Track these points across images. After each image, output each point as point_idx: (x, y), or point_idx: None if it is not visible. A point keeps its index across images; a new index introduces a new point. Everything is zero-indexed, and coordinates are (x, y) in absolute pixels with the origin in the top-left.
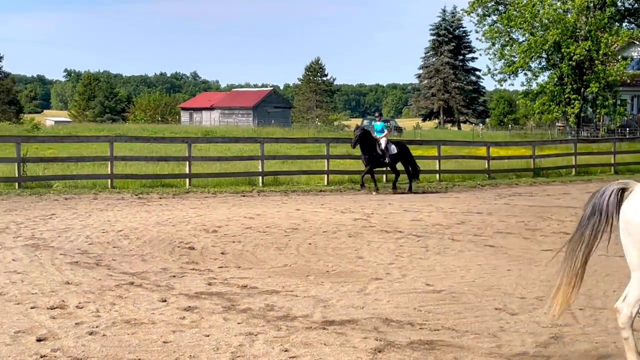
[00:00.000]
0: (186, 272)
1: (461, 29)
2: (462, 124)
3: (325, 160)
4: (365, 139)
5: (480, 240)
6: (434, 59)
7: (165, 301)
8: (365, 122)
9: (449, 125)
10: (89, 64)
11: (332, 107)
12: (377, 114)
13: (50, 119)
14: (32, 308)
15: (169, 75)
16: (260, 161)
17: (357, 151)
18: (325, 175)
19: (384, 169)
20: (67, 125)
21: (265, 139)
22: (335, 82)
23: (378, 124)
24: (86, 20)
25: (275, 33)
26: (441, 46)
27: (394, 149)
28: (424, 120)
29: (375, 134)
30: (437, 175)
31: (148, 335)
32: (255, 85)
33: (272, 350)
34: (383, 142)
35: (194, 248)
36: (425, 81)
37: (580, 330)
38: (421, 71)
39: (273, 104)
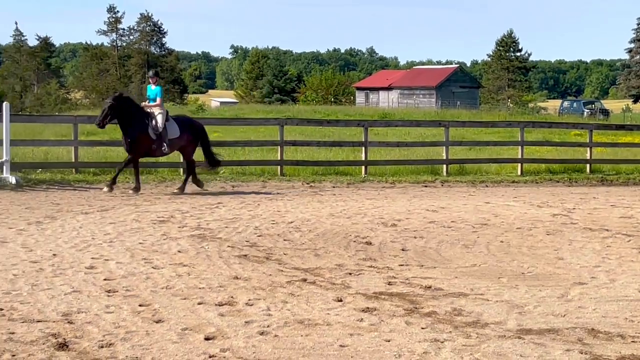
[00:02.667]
0: (363, 270)
1: None
2: None
3: (519, 147)
4: (124, 112)
5: None
6: None
7: (341, 301)
8: (566, 103)
9: None
10: (257, 40)
11: (527, 86)
12: (151, 73)
13: (215, 99)
14: (199, 304)
15: (342, 51)
16: (444, 147)
17: (557, 136)
18: (519, 164)
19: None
20: (233, 106)
21: (450, 122)
22: (530, 59)
23: (152, 88)
24: None
25: (461, 4)
26: None
27: (176, 130)
28: (634, 101)
29: (148, 102)
30: None
31: (323, 338)
32: (439, 63)
33: None
34: (159, 118)
35: (371, 243)
36: (637, 57)
37: None
38: (632, 45)
39: (458, 83)
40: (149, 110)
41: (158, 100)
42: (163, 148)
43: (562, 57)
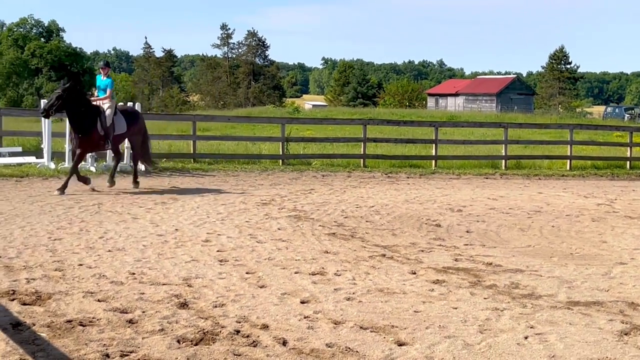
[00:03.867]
0: (433, 248)
1: None
2: None
3: (568, 146)
4: (74, 105)
5: None
6: None
7: (414, 273)
8: (609, 109)
9: None
10: (344, 53)
11: (575, 94)
12: (101, 63)
13: (308, 102)
14: (295, 273)
15: (416, 63)
16: (503, 145)
17: (601, 137)
18: (568, 160)
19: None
20: (324, 108)
21: (509, 124)
22: (578, 70)
23: (103, 79)
24: (343, 13)
25: (518, 22)
26: None
27: (123, 125)
28: None
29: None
30: None
31: (400, 304)
32: (499, 73)
33: (517, 326)
34: (109, 113)
35: (440, 225)
36: None
37: None
38: None
39: (516, 91)
40: (98, 104)
41: (108, 91)
42: (107, 145)
43: (606, 69)
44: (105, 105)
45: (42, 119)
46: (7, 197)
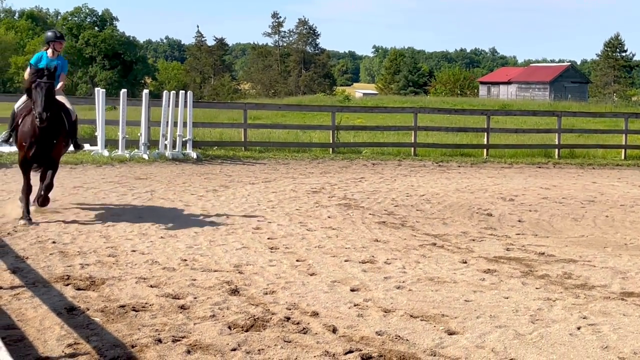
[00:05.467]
0: (485, 237)
1: None
2: None
3: (623, 135)
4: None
5: None
6: None
7: (465, 262)
8: None
9: None
10: (395, 41)
11: (630, 82)
12: (50, 35)
13: (359, 91)
14: (345, 261)
15: (468, 51)
16: (556, 134)
17: None
18: (623, 150)
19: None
20: (374, 97)
21: (562, 112)
22: (634, 58)
23: (52, 58)
24: (394, 0)
25: (572, 9)
26: None
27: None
28: None
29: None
30: None
31: (450, 293)
32: (552, 61)
33: (570, 317)
34: (72, 110)
35: (491, 215)
36: None
37: None
38: None
39: (570, 79)
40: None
41: (62, 80)
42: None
43: None
44: (66, 101)
45: (97, 107)
46: (62, 184)
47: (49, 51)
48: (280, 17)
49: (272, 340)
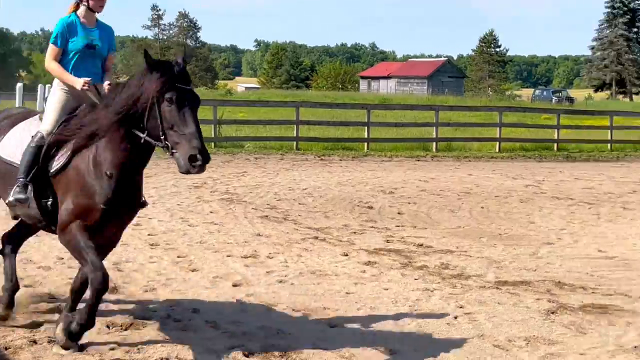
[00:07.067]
0: (366, 229)
1: (636, 1)
2: (634, 96)
3: (497, 128)
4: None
5: None
6: (607, 31)
7: (347, 255)
8: (537, 91)
9: (620, 96)
10: (277, 35)
11: (504, 77)
12: None
13: (241, 85)
14: (227, 256)
15: (349, 45)
16: (434, 128)
17: (529, 119)
18: (497, 143)
19: None
20: (257, 91)
21: (440, 106)
22: (507, 54)
23: (91, 28)
24: None
25: (449, 5)
26: (615, 18)
27: None
28: (595, 91)
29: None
30: (609, 145)
31: (332, 286)
32: (430, 56)
33: (447, 306)
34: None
35: (372, 207)
36: (599, 53)
37: None
38: (594, 43)
39: (447, 74)
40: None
41: (109, 67)
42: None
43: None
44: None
45: None
46: None
47: (82, 10)
48: (159, 9)
49: (153, 338)
